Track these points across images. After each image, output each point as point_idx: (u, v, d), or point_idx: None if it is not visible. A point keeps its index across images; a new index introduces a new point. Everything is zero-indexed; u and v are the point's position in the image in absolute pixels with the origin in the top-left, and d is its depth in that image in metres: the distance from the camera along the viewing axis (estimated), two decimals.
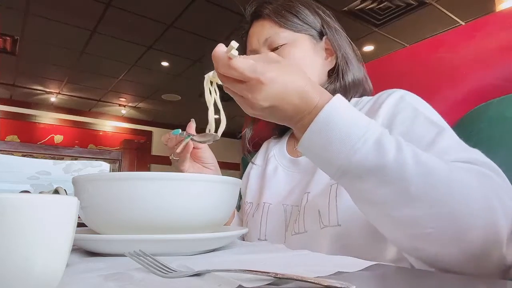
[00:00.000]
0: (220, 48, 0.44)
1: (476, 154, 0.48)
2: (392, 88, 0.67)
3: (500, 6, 2.28)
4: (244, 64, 0.43)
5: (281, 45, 0.73)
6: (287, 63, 0.47)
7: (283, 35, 0.73)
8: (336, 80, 0.75)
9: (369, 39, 3.69)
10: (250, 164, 0.90)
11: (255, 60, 0.44)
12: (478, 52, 0.81)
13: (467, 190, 0.40)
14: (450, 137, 0.52)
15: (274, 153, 0.84)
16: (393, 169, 0.40)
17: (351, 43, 0.80)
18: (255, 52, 0.76)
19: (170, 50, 3.98)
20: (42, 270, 0.24)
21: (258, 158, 0.89)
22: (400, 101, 0.62)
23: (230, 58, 0.43)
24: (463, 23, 3.28)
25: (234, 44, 0.43)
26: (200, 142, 0.69)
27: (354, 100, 0.75)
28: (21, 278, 0.23)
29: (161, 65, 4.34)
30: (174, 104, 5.70)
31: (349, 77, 0.75)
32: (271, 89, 0.44)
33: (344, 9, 3.14)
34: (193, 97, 5.20)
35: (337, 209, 0.59)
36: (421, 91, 0.86)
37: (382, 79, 0.90)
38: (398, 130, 0.57)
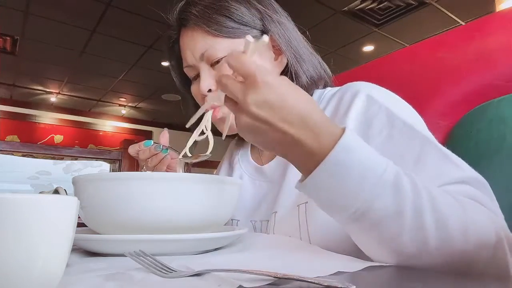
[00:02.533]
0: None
1: (465, 169, 0.47)
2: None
3: (500, 6, 2.28)
4: (246, 58, 0.40)
5: (221, 58, 0.64)
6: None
7: (220, 46, 0.63)
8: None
9: (369, 39, 3.68)
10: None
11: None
12: (478, 52, 0.81)
13: (480, 240, 0.38)
14: (433, 150, 0.49)
15: (239, 159, 0.78)
16: (412, 217, 0.38)
17: (299, 33, 0.71)
18: (193, 68, 0.68)
19: None
20: (42, 270, 0.24)
21: (223, 167, 0.83)
22: (370, 103, 0.56)
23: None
24: (463, 23, 3.28)
25: (250, 38, 0.41)
26: (193, 162, 0.64)
27: (317, 92, 0.69)
28: (21, 277, 0.23)
29: (161, 65, 4.34)
30: (174, 104, 5.69)
31: (304, 78, 0.67)
32: (264, 93, 0.38)
33: (344, 9, 3.14)
34: None
35: (309, 234, 0.54)
36: (421, 91, 0.86)
37: (382, 79, 0.90)
38: (375, 142, 0.53)
